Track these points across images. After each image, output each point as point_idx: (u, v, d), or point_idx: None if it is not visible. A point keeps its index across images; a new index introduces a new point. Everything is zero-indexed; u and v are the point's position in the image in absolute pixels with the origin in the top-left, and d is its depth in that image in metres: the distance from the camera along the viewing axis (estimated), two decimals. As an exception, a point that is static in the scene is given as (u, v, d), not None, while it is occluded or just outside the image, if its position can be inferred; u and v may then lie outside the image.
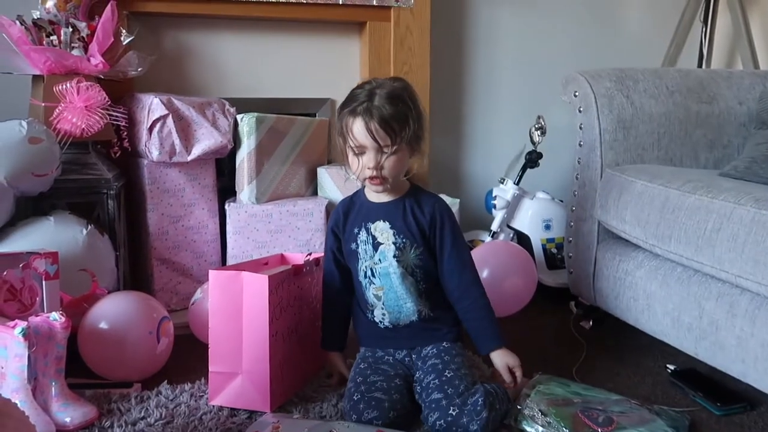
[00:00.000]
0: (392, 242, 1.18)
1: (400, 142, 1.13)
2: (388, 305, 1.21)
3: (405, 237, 1.18)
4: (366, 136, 1.12)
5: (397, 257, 1.18)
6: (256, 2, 1.79)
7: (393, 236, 1.19)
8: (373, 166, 1.14)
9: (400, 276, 1.19)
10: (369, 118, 1.11)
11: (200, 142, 1.67)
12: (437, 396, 1.10)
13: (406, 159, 1.17)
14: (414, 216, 1.19)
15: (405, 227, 1.19)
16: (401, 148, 1.14)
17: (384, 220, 1.19)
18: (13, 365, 1.10)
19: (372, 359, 1.23)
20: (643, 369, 1.43)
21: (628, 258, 1.48)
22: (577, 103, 1.63)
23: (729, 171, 1.47)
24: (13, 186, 1.36)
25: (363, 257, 1.21)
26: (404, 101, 1.14)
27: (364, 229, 1.21)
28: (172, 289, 1.71)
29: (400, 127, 1.12)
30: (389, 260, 1.19)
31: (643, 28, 2.38)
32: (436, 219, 1.19)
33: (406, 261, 1.19)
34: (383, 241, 1.19)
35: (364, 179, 1.17)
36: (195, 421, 1.16)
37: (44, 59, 1.50)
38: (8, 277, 1.27)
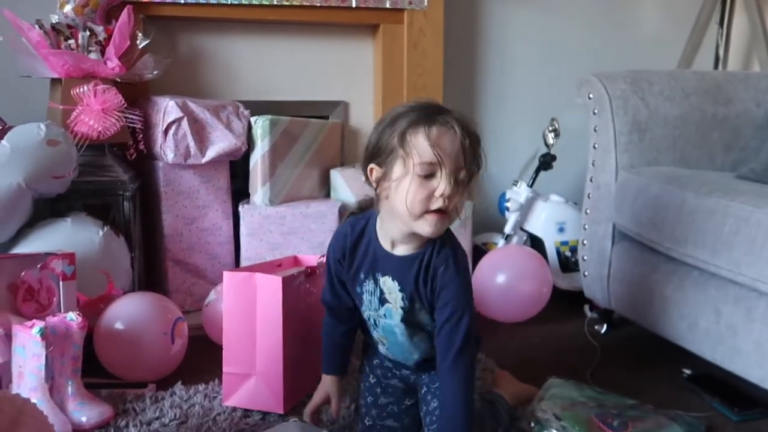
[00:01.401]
0: (400, 306, 1.00)
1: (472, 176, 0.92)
2: (392, 351, 1.09)
3: (414, 301, 1.00)
4: (453, 150, 0.89)
5: (404, 320, 1.02)
6: (269, 6, 1.80)
7: (401, 300, 1.00)
8: (450, 193, 0.89)
9: (407, 336, 1.04)
10: (456, 129, 0.89)
11: (215, 144, 1.68)
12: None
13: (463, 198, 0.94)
14: (425, 281, 0.98)
15: (415, 292, 0.99)
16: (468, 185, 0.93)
17: (393, 278, 0.99)
18: (30, 364, 1.12)
19: (380, 370, 1.14)
20: (659, 373, 1.42)
21: (644, 261, 1.47)
22: (592, 105, 1.62)
23: (746, 173, 1.45)
24: (31, 188, 1.38)
25: (367, 305, 1.05)
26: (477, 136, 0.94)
27: (371, 279, 1.02)
28: (187, 291, 1.72)
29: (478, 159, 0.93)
30: (395, 321, 1.03)
31: (659, 29, 2.36)
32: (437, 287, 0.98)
33: (416, 322, 1.03)
34: (390, 300, 1.01)
35: (425, 212, 0.91)
36: (209, 421, 1.17)
37: (62, 63, 1.52)
38: (26, 277, 1.29)
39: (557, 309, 1.75)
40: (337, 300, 1.09)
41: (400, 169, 0.91)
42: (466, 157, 0.90)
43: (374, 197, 0.99)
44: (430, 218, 0.91)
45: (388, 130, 0.92)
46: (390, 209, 0.95)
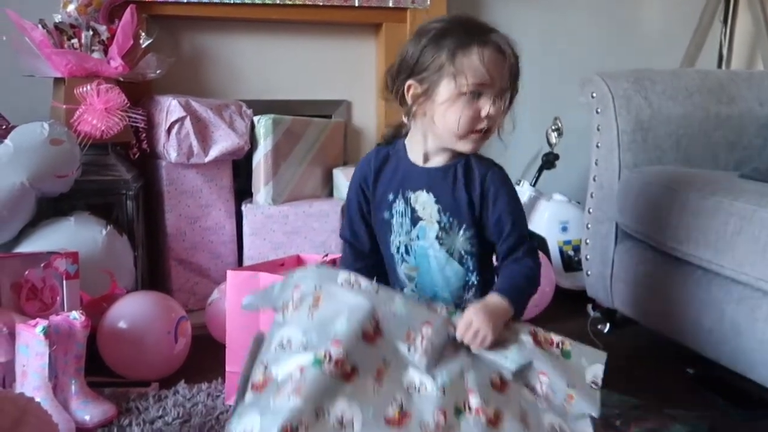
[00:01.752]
0: (436, 220, 0.95)
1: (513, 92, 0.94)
2: (420, 290, 1.00)
3: (452, 216, 0.94)
4: (500, 69, 0.90)
5: (440, 239, 0.95)
6: (272, 5, 1.80)
7: (437, 213, 0.95)
8: (495, 113, 0.90)
9: (443, 261, 0.96)
10: (506, 50, 0.90)
11: (217, 143, 1.68)
12: None
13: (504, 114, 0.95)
14: (466, 188, 0.94)
15: (453, 203, 0.94)
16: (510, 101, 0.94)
17: (428, 191, 0.95)
18: (34, 363, 1.12)
19: None
20: (662, 372, 1.41)
21: (647, 260, 1.47)
22: (595, 105, 1.62)
23: (749, 173, 1.44)
24: (35, 187, 1.38)
25: (397, 231, 0.98)
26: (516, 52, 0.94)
27: (401, 198, 0.97)
28: (190, 290, 1.72)
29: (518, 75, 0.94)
30: (430, 241, 0.95)
31: (662, 28, 2.36)
32: (488, 192, 0.94)
33: (451, 244, 0.95)
34: (424, 216, 0.96)
35: (470, 132, 0.92)
36: (212, 420, 1.17)
37: (65, 62, 1.52)
38: (30, 276, 1.29)
39: (560, 308, 1.75)
40: (354, 237, 1.04)
41: (447, 88, 0.90)
42: (512, 78, 0.91)
43: (407, 113, 0.96)
44: (474, 137, 0.92)
45: (433, 46, 0.90)
46: (427, 126, 0.94)
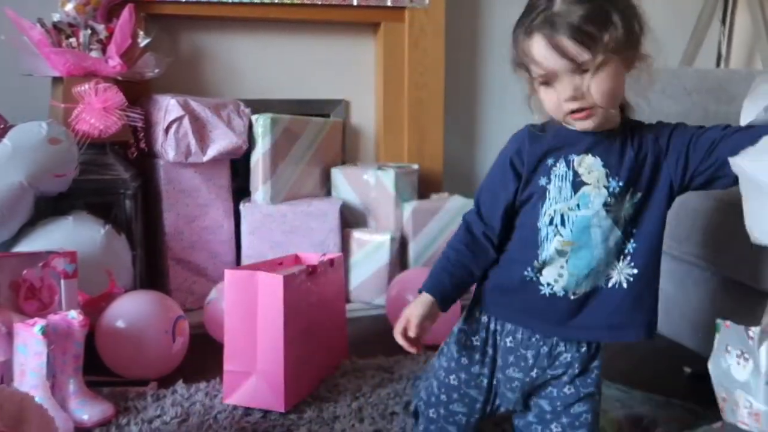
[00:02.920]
0: (604, 185, 0.83)
1: (606, 51, 0.79)
2: (573, 266, 0.85)
3: (622, 180, 0.83)
4: (552, 56, 0.79)
5: (608, 206, 0.83)
6: (270, 4, 1.80)
7: (605, 178, 0.84)
8: (571, 96, 0.80)
9: (607, 230, 0.84)
10: (552, 31, 0.79)
11: (216, 142, 1.68)
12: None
13: (621, 74, 0.82)
14: (639, 148, 0.85)
15: (624, 166, 0.84)
16: (610, 60, 0.79)
17: (593, 154, 0.84)
18: (32, 363, 1.12)
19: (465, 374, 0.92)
20: (660, 372, 1.41)
21: (645, 260, 1.47)
22: (593, 104, 1.62)
23: (748, 172, 1.44)
24: (33, 186, 1.38)
25: (554, 197, 0.85)
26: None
27: (563, 161, 0.85)
28: (188, 289, 1.72)
29: (599, 29, 0.78)
30: (595, 209, 0.83)
31: (661, 27, 2.33)
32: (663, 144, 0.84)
33: (618, 212, 0.84)
34: (589, 181, 0.84)
35: (566, 115, 0.83)
36: (210, 419, 1.17)
37: (63, 61, 1.52)
38: (28, 275, 1.29)
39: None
40: (503, 212, 0.90)
41: (527, 77, 0.85)
42: (576, 51, 0.78)
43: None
44: (575, 118, 0.83)
45: (514, 33, 0.85)
46: None
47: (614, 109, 0.84)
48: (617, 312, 0.86)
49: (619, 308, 0.85)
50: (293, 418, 1.19)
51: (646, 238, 0.85)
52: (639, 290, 0.86)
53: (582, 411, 0.88)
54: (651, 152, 0.85)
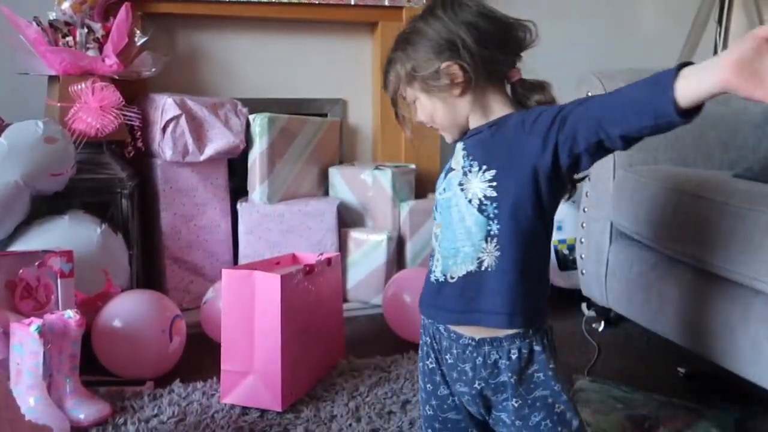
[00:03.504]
0: (461, 166, 0.86)
1: (407, 87, 0.88)
2: (443, 248, 0.87)
3: (474, 157, 0.84)
4: (393, 89, 0.92)
5: (461, 185, 0.84)
6: (268, 3, 1.80)
7: (462, 158, 0.86)
8: (424, 120, 0.91)
9: (463, 209, 0.84)
10: (389, 61, 0.91)
11: (213, 142, 1.68)
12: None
13: (439, 100, 0.86)
14: (498, 128, 0.85)
15: (478, 146, 0.85)
16: (415, 94, 0.88)
17: (462, 140, 0.89)
18: (28, 362, 1.12)
19: (436, 401, 0.91)
20: (657, 371, 1.42)
21: (641, 259, 1.47)
22: (590, 104, 1.62)
23: (743, 172, 1.45)
24: (29, 185, 1.38)
25: (438, 189, 0.91)
26: (399, 42, 0.89)
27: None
28: (185, 288, 1.72)
29: (392, 74, 0.90)
30: (453, 189, 0.86)
31: (658, 28, 2.37)
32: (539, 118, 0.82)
33: (470, 189, 0.83)
34: (455, 167, 0.87)
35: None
36: (207, 419, 1.17)
37: (60, 60, 1.52)
38: (24, 275, 1.29)
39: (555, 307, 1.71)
40: None
41: None
42: (399, 84, 0.89)
43: None
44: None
45: None
46: None
47: (460, 122, 0.88)
48: (489, 296, 0.83)
49: (491, 292, 0.83)
50: (290, 417, 1.19)
51: (510, 219, 0.82)
52: (507, 275, 0.82)
53: (539, 420, 0.84)
54: (513, 132, 0.83)
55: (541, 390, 0.84)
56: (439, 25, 0.85)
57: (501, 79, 0.89)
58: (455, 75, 0.84)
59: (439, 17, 0.86)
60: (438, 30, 0.85)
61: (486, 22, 0.87)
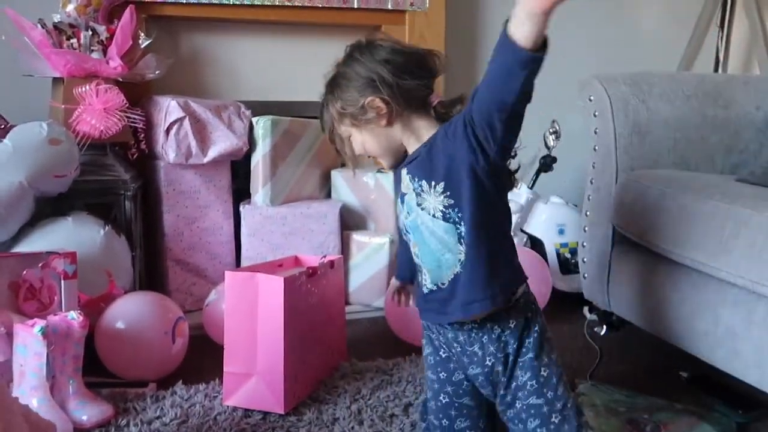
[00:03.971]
0: (412, 188, 0.97)
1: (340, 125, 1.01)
2: (425, 263, 0.98)
3: (420, 178, 0.96)
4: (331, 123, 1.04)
5: (420, 204, 0.95)
6: (271, 6, 1.81)
7: (410, 182, 0.97)
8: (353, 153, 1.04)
9: (429, 224, 0.95)
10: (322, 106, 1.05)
11: (216, 144, 1.68)
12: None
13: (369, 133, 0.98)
14: (430, 146, 0.96)
15: (419, 167, 0.96)
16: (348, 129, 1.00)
17: (407, 171, 0.99)
18: (32, 363, 1.12)
19: (451, 387, 1.00)
20: (658, 375, 1.42)
21: (643, 263, 1.47)
22: (592, 108, 1.62)
23: (746, 176, 1.45)
24: (33, 186, 1.38)
25: (401, 214, 1.01)
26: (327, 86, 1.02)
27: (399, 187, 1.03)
28: (187, 290, 1.72)
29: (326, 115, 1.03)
30: (415, 210, 0.96)
31: (659, 31, 2.37)
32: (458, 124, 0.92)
33: (428, 204, 0.94)
34: (406, 191, 0.98)
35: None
36: (209, 421, 1.17)
37: (64, 62, 1.52)
38: (28, 276, 1.29)
39: (557, 311, 1.75)
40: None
41: None
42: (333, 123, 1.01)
43: None
44: None
45: None
46: None
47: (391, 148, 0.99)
48: (466, 289, 0.94)
49: (467, 285, 0.93)
50: (293, 419, 1.19)
51: (470, 219, 0.92)
52: (474, 267, 0.93)
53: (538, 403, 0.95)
54: (441, 145, 0.94)
55: (539, 345, 0.98)
56: (358, 67, 0.97)
57: (423, 104, 0.98)
58: (379, 108, 0.95)
59: (357, 59, 0.98)
60: (358, 71, 0.97)
61: (399, 56, 0.97)
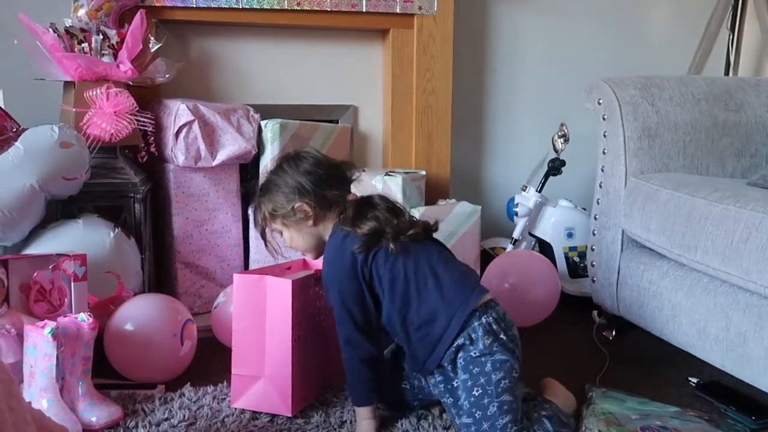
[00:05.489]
0: None
1: (267, 227, 1.21)
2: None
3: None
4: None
5: None
6: (280, 10, 1.81)
7: None
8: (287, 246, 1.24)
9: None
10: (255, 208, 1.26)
11: (225, 147, 1.69)
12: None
13: (296, 231, 1.19)
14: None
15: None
16: (279, 229, 1.21)
17: None
18: (42, 364, 1.13)
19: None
20: (668, 380, 1.41)
21: (653, 267, 1.46)
22: (601, 111, 1.62)
23: (757, 180, 1.44)
24: (44, 189, 1.40)
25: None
26: (261, 191, 1.21)
27: None
28: (196, 293, 1.73)
29: (259, 215, 1.22)
30: None
31: (669, 35, 2.36)
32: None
33: None
34: None
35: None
36: (217, 423, 1.17)
37: (75, 66, 1.54)
38: (38, 278, 1.30)
39: (565, 314, 1.75)
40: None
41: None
42: (265, 222, 1.21)
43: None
44: None
45: None
46: None
47: (312, 245, 1.21)
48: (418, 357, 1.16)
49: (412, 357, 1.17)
50: (300, 422, 1.19)
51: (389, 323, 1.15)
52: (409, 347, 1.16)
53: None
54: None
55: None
56: (286, 176, 1.16)
57: (341, 206, 1.17)
58: (306, 211, 1.15)
59: (285, 170, 1.17)
60: (286, 180, 1.16)
61: (320, 167, 1.17)
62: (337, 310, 1.12)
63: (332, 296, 1.13)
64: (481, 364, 1.07)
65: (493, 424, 1.03)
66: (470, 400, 1.06)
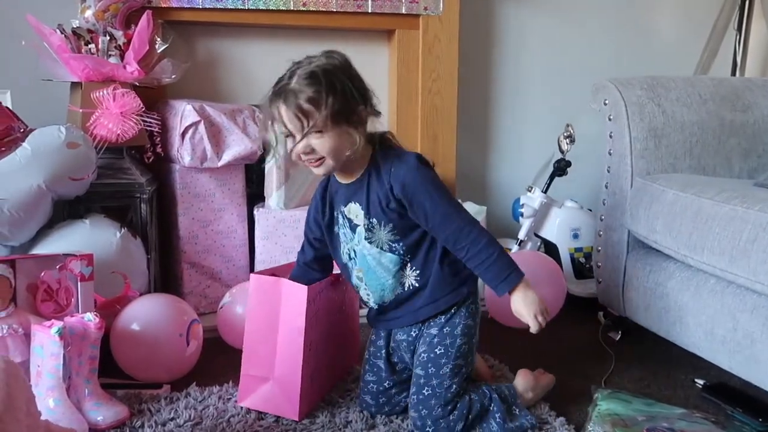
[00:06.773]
0: (363, 223, 1.14)
1: (323, 122, 1.05)
2: (370, 285, 1.18)
3: (373, 216, 1.13)
4: (282, 120, 1.08)
5: (368, 238, 1.14)
6: (286, 11, 1.82)
7: (364, 217, 1.14)
8: (301, 150, 1.08)
9: (377, 255, 1.14)
10: (282, 101, 1.06)
11: (231, 148, 1.69)
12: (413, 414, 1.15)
13: (343, 136, 1.07)
14: (377, 193, 1.12)
15: (371, 206, 1.12)
16: (328, 128, 1.05)
17: (355, 201, 1.14)
18: (48, 364, 1.13)
19: (373, 348, 1.26)
20: (675, 382, 1.40)
21: (659, 268, 1.46)
22: (607, 111, 1.62)
23: (764, 181, 1.43)
24: (51, 189, 1.40)
25: (345, 241, 1.19)
26: (321, 79, 1.07)
27: (340, 214, 1.18)
28: (201, 293, 1.73)
29: (316, 107, 1.04)
30: (362, 241, 1.15)
31: (676, 35, 2.35)
32: (396, 191, 1.09)
33: (378, 239, 1.14)
34: (359, 222, 1.15)
35: (303, 162, 1.11)
36: (223, 423, 1.18)
37: (82, 67, 1.54)
38: (45, 278, 1.30)
39: (571, 315, 1.74)
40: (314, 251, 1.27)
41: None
42: (294, 122, 1.06)
43: None
44: (308, 166, 1.11)
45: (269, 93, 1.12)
46: None
47: (343, 158, 1.10)
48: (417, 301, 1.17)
49: (417, 298, 1.17)
50: (306, 423, 1.19)
51: (417, 250, 1.14)
52: (428, 283, 1.16)
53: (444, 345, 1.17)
54: (391, 199, 1.10)
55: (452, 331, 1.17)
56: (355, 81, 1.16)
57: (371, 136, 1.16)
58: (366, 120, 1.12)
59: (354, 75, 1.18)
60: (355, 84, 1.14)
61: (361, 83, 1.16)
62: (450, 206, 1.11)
63: (439, 195, 1.10)
64: (453, 325, 1.16)
65: (441, 382, 1.13)
66: (429, 355, 1.15)
